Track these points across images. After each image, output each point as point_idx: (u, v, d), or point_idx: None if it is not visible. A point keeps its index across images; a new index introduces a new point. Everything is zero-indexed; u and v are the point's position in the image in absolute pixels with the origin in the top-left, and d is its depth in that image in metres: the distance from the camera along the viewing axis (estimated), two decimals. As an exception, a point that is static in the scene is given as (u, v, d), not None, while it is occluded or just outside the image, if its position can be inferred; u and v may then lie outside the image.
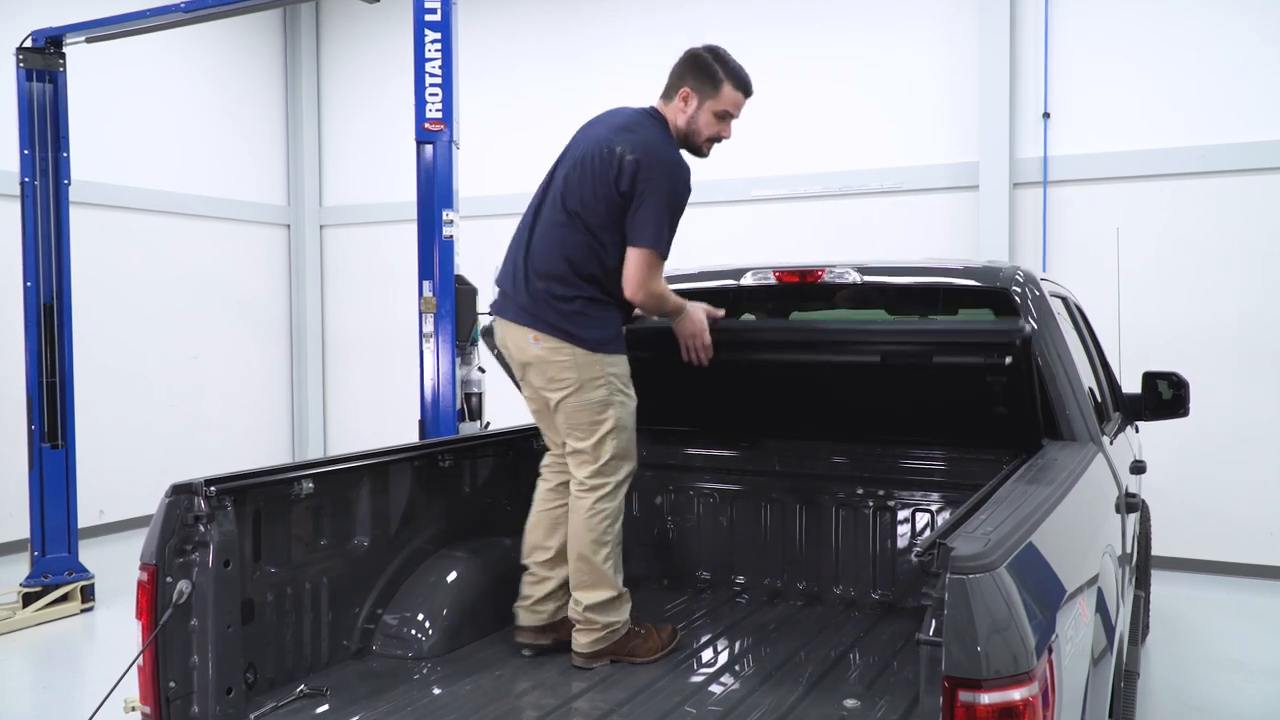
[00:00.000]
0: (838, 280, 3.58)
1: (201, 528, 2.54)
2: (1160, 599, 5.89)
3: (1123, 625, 3.08)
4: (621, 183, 3.03)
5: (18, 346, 6.23)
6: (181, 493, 2.52)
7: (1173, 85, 6.82)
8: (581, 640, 3.12)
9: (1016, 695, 1.61)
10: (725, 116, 3.21)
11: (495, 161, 8.84)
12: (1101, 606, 2.46)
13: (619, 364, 3.14)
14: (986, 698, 1.60)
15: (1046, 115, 7.15)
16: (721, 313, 3.39)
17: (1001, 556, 1.73)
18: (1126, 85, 6.95)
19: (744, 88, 3.22)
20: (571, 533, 3.16)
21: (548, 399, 3.17)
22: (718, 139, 3.26)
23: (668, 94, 3.24)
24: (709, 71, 3.17)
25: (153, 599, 2.46)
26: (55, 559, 6.15)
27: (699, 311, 3.31)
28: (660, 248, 3.07)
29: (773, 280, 3.71)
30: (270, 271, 10.19)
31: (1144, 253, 6.74)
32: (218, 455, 9.07)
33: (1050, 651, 1.75)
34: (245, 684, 2.67)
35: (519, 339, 3.17)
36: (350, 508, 3.14)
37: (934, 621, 1.69)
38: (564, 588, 3.24)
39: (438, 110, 5.11)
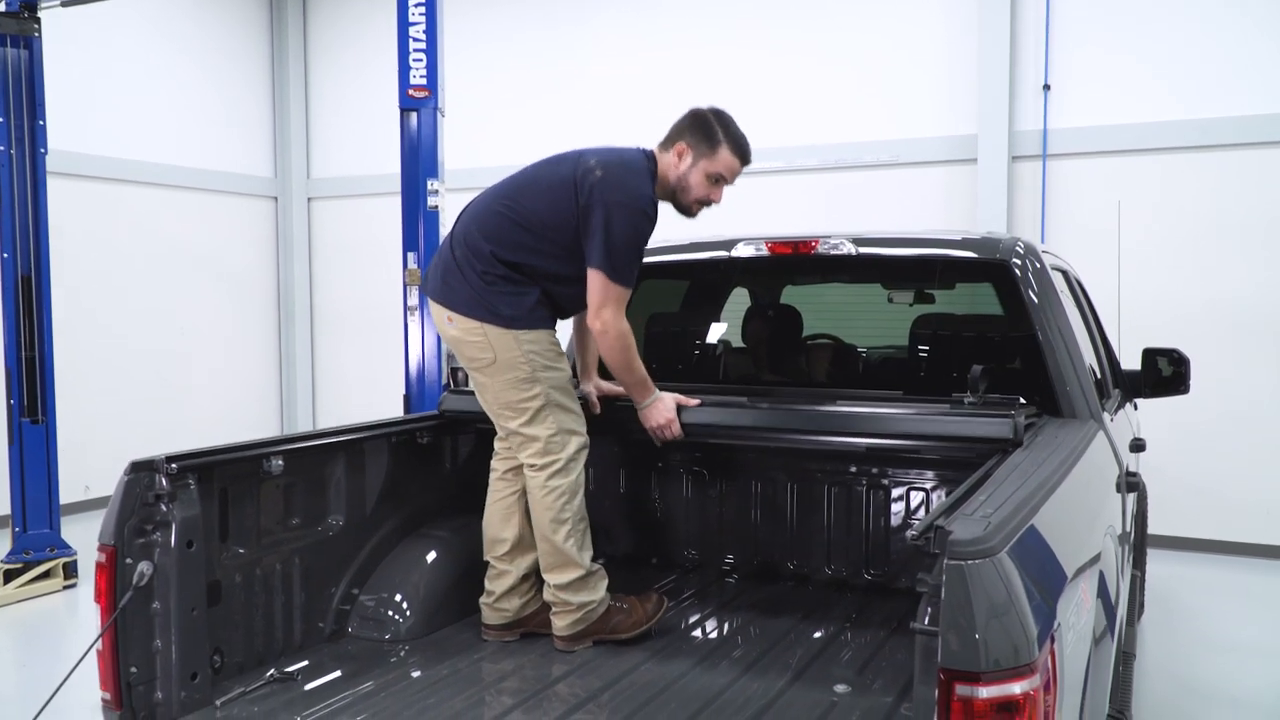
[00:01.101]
0: (831, 252, 3.48)
1: (163, 507, 2.43)
2: (1155, 579, 5.82)
3: (1123, 608, 2.99)
4: (580, 194, 2.93)
5: (-5, 320, 6.11)
6: (141, 470, 2.41)
7: (1176, 58, 6.69)
8: (559, 623, 3.03)
9: (1017, 689, 1.51)
10: (719, 180, 3.11)
11: (495, 132, 8.69)
12: (1103, 590, 2.36)
13: (538, 340, 3.00)
14: (985, 691, 1.50)
15: (1047, 87, 7.01)
16: (696, 401, 3.16)
17: (1002, 541, 1.62)
18: (1129, 58, 6.81)
19: (742, 154, 3.11)
20: (533, 514, 3.07)
21: (476, 379, 3.09)
22: (708, 202, 3.15)
23: (665, 144, 3.12)
24: (708, 131, 3.07)
25: (111, 581, 2.35)
26: (36, 535, 6.07)
27: (669, 400, 3.11)
28: (609, 269, 2.92)
29: (765, 251, 3.61)
30: (258, 244, 10.03)
31: (1144, 228, 6.63)
32: (206, 430, 8.94)
33: (1052, 641, 1.64)
34: (211, 668, 2.57)
35: (438, 317, 3.10)
36: (324, 486, 3.03)
37: (930, 609, 1.59)
38: (526, 581, 3.14)
39: (422, 76, 4.98)
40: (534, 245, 2.99)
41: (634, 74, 8.28)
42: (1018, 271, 3.25)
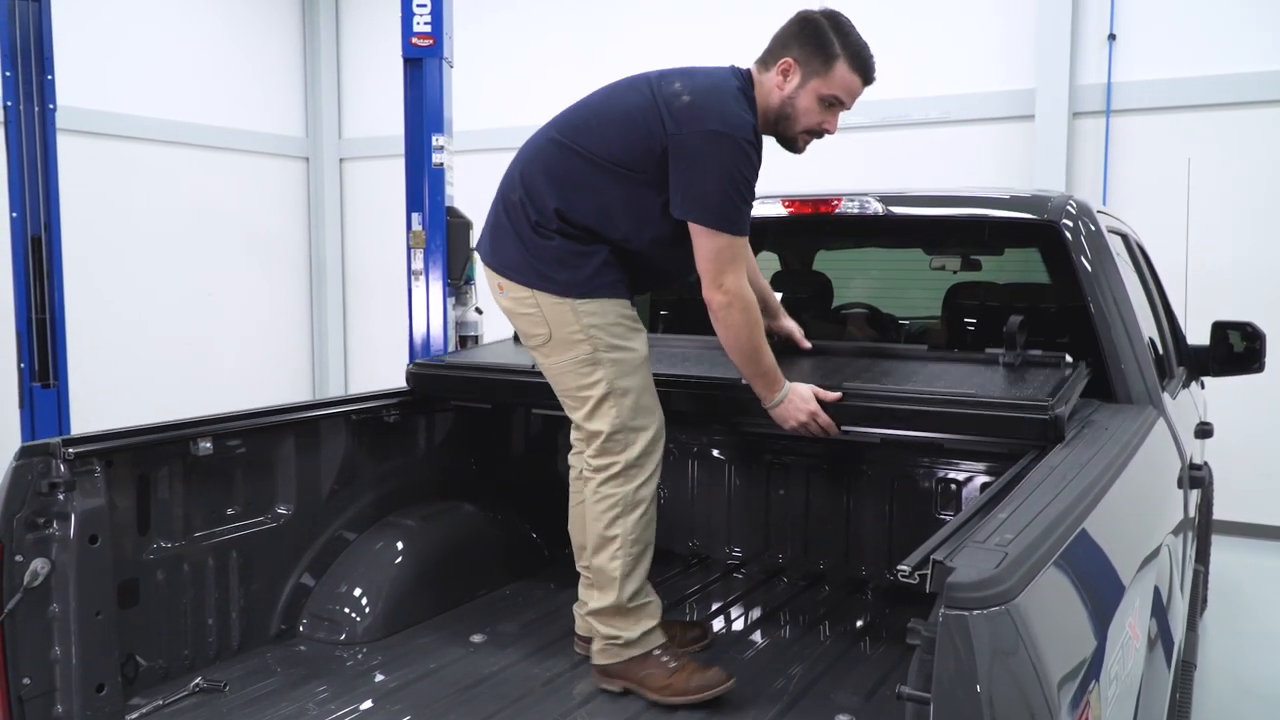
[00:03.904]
0: (856, 212, 3.08)
1: (60, 497, 2.13)
2: (1219, 567, 5.35)
3: (1182, 625, 2.58)
4: (666, 125, 2.35)
5: (5, 281, 5.94)
6: (34, 455, 2.12)
7: (1253, 4, 6.10)
8: (591, 647, 2.58)
9: (1034, 783, 1.13)
10: (833, 104, 2.49)
11: (536, 91, 8.35)
12: (1158, 609, 1.98)
13: (602, 312, 2.43)
14: (990, 786, 1.12)
15: (1112, 37, 6.47)
16: (836, 395, 2.50)
17: (1022, 580, 1.23)
18: (1202, 4, 6.24)
19: (863, 70, 2.48)
20: (585, 520, 2.59)
21: (538, 362, 2.59)
22: (819, 133, 2.54)
23: (766, 60, 2.50)
24: (822, 42, 2.43)
25: None
26: (47, 502, 5.93)
27: (804, 390, 2.49)
28: (716, 218, 2.33)
29: (782, 211, 3.22)
30: (288, 206, 9.81)
31: (1217, 189, 6.09)
32: (233, 397, 8.76)
33: (1087, 706, 1.27)
34: (124, 678, 2.29)
35: (491, 286, 2.60)
36: (269, 471, 2.72)
37: (922, 668, 1.22)
38: None
39: (426, 24, 4.63)
40: (603, 188, 2.42)
41: (674, 34, 7.86)
42: (1068, 234, 2.83)
